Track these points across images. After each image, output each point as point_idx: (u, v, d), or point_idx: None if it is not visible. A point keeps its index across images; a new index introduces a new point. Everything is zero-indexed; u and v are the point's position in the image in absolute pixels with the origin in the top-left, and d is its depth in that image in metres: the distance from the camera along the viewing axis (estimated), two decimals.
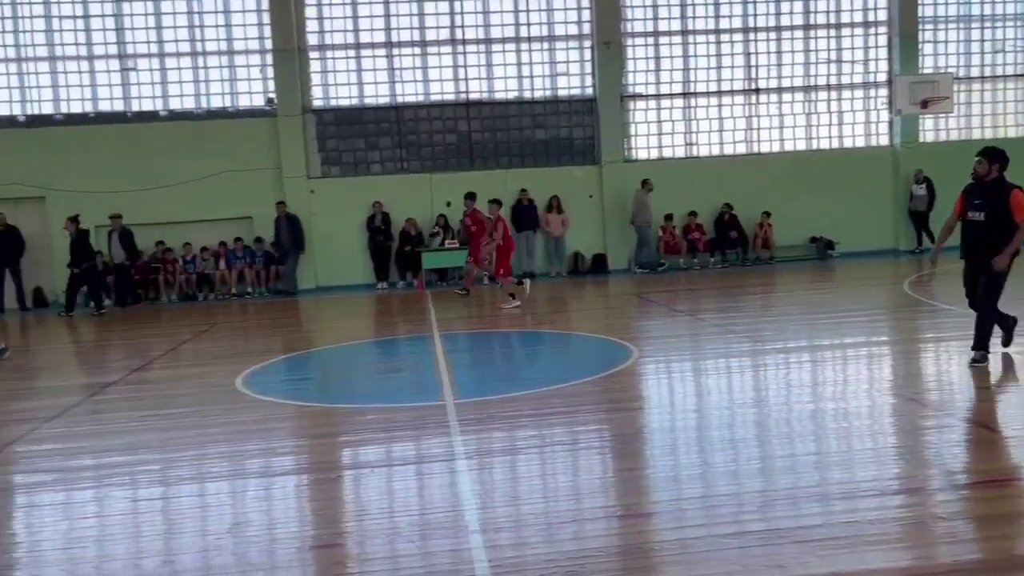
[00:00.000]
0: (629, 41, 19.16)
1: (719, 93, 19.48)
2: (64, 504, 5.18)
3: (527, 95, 19.04)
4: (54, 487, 5.51)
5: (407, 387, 7.84)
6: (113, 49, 17.93)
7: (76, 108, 17.91)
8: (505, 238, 14.00)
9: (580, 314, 13.56)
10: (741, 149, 19.66)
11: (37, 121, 17.77)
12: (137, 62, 18.03)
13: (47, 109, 17.85)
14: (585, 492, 4.79)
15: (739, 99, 19.58)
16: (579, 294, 16.01)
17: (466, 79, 18.85)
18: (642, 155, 19.45)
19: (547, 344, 10.54)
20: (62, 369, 10.65)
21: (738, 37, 19.42)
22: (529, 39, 18.90)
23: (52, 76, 17.82)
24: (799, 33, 19.57)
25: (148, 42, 18.00)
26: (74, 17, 17.75)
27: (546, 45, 19.03)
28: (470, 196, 15.21)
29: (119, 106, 18.04)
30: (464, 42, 18.76)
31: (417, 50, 18.72)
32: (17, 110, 17.81)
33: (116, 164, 17.59)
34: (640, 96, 19.32)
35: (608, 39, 18.71)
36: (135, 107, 18.07)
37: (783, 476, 4.86)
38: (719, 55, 19.42)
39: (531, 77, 19.03)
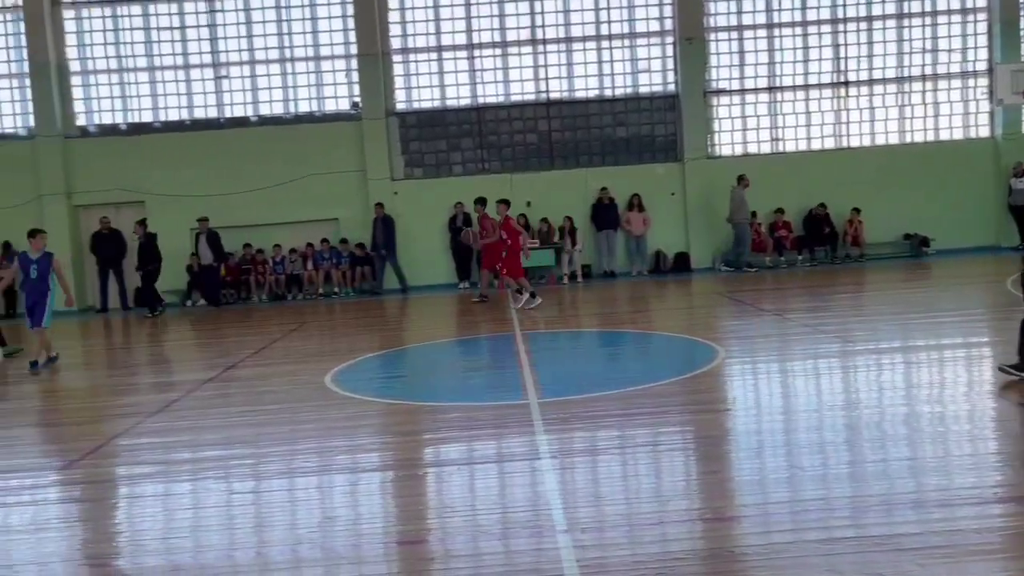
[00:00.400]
0: (712, 36, 18.85)
1: (806, 87, 18.98)
2: (163, 495, 5.42)
3: (608, 93, 18.95)
4: (154, 479, 5.77)
5: (490, 386, 7.91)
6: (207, 58, 18.65)
7: (173, 116, 18.71)
8: (512, 239, 13.77)
9: (663, 314, 13.42)
10: (830, 144, 19.11)
11: (137, 129, 18.63)
12: (230, 70, 18.71)
13: (147, 117, 18.69)
14: (670, 494, 4.74)
15: (827, 92, 19.03)
16: (661, 293, 15.85)
17: (546, 78, 18.89)
18: (726, 151, 19.11)
19: (630, 344, 10.48)
20: (162, 365, 11.13)
21: (826, 29, 18.88)
22: (610, 36, 18.80)
23: (151, 86, 18.66)
24: (891, 23, 18.90)
25: (240, 50, 18.66)
26: (171, 28, 18.54)
27: (627, 42, 18.90)
28: (480, 202, 14.90)
29: (212, 113, 18.75)
30: (544, 41, 18.79)
31: (498, 51, 18.85)
32: (120, 119, 18.70)
33: (209, 169, 18.29)
34: (724, 91, 18.99)
35: (691, 34, 18.45)
36: (227, 113, 18.76)
37: (876, 481, 4.70)
38: (806, 47, 18.92)
39: (612, 75, 18.93)
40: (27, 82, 18.26)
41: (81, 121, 18.59)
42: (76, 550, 4.50)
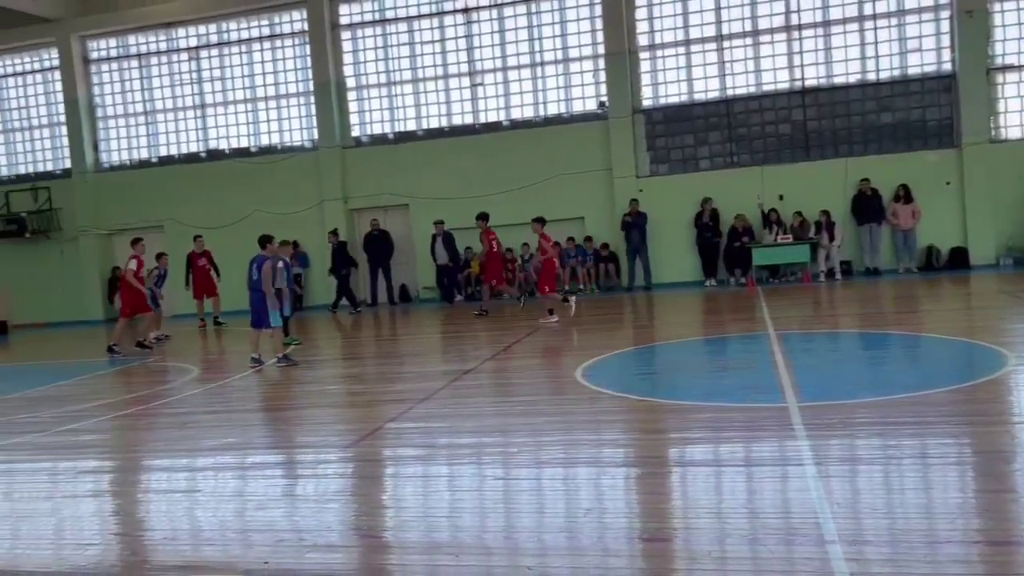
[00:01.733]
0: (997, 7, 16.88)
1: None
2: (424, 477, 5.83)
3: (871, 77, 17.61)
4: (417, 462, 6.21)
5: (744, 387, 7.65)
6: (464, 68, 19.73)
7: (434, 124, 20.00)
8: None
9: (937, 314, 12.24)
10: None
11: (403, 137, 20.15)
12: (484, 77, 19.66)
13: (411, 126, 20.16)
14: (946, 512, 4.32)
15: None
16: (934, 292, 14.47)
17: (801, 65, 17.93)
18: (1013, 134, 17.05)
19: (898, 347, 9.66)
20: (426, 357, 11.94)
21: None
22: (875, 16, 17.45)
23: (415, 97, 20.06)
24: None
25: (494, 58, 19.54)
26: (432, 42, 19.83)
27: (894, 21, 17.44)
28: (482, 217, 15.33)
29: (468, 119, 19.81)
30: (800, 27, 17.84)
31: (749, 40, 18.18)
32: (387, 129, 20.33)
33: (465, 172, 19.35)
34: (1011, 68, 16.94)
35: (971, 7, 16.64)
36: (482, 119, 19.73)
37: None
38: None
39: (876, 57, 17.56)
40: (311, 99, 20.39)
41: (356, 132, 20.43)
42: (350, 521, 4.98)
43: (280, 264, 11.42)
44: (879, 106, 17.58)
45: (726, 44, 18.27)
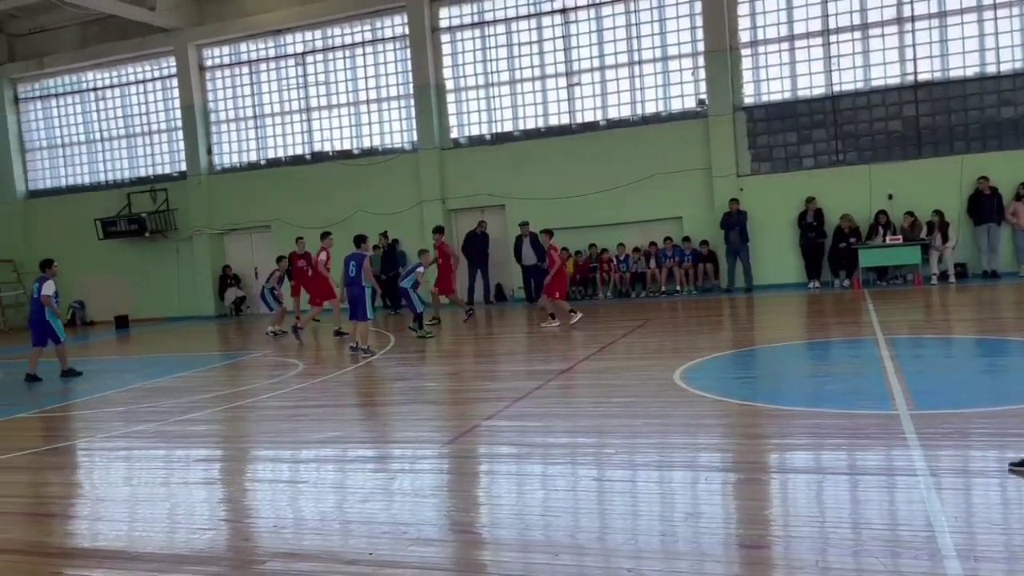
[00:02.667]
0: None
1: None
2: (518, 475, 5.85)
3: (990, 69, 16.71)
4: (510, 460, 6.24)
5: (850, 392, 7.37)
6: (561, 68, 19.73)
7: (530, 124, 20.07)
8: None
9: None
10: None
11: (500, 138, 20.31)
12: (581, 77, 19.62)
13: (507, 127, 20.29)
14: None
15: None
16: None
17: (914, 59, 17.16)
18: None
19: (1019, 355, 9.10)
20: (522, 356, 12.00)
21: None
22: (995, 6, 16.55)
23: (511, 98, 20.19)
24: None
25: (591, 58, 19.48)
26: (530, 43, 19.91)
27: (1015, 10, 16.49)
28: (438, 230, 16.21)
29: (564, 120, 19.81)
30: (913, 19, 17.08)
31: (858, 34, 17.53)
32: (485, 130, 20.53)
33: (562, 172, 19.34)
34: None
35: None
36: (578, 119, 19.69)
37: None
38: None
39: (996, 49, 16.65)
40: (411, 102, 20.79)
41: (454, 134, 20.71)
42: (447, 516, 5.04)
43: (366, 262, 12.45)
44: (1000, 100, 16.67)
45: (832, 39, 17.66)
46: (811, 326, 12.94)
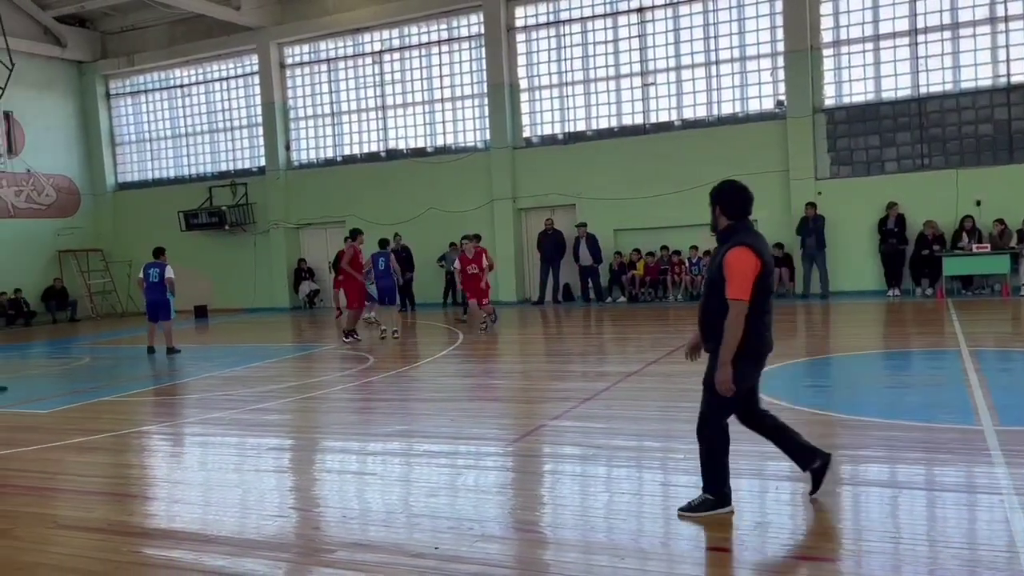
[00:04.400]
0: None
1: None
2: (582, 476, 5.82)
3: None
4: (575, 461, 6.22)
5: (930, 405, 7.12)
6: (636, 67, 19.56)
7: (604, 124, 19.96)
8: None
9: None
10: None
11: (572, 138, 20.25)
12: (656, 77, 19.41)
13: (580, 127, 20.22)
14: None
15: None
16: None
17: (1007, 60, 16.43)
18: None
19: None
20: (591, 357, 11.94)
21: None
22: None
23: (585, 97, 20.11)
24: None
25: (667, 57, 19.25)
26: (605, 43, 19.80)
27: None
28: (353, 235, 15.45)
29: (639, 119, 19.62)
30: (1007, 19, 16.37)
31: (947, 34, 16.89)
32: (558, 129, 20.49)
33: (634, 173, 19.17)
34: None
35: None
36: (652, 119, 19.49)
37: None
38: None
39: None
40: (485, 100, 20.90)
41: (527, 133, 20.74)
42: (511, 514, 5.05)
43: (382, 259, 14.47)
44: None
45: (920, 39, 17.06)
46: (890, 335, 12.53)
